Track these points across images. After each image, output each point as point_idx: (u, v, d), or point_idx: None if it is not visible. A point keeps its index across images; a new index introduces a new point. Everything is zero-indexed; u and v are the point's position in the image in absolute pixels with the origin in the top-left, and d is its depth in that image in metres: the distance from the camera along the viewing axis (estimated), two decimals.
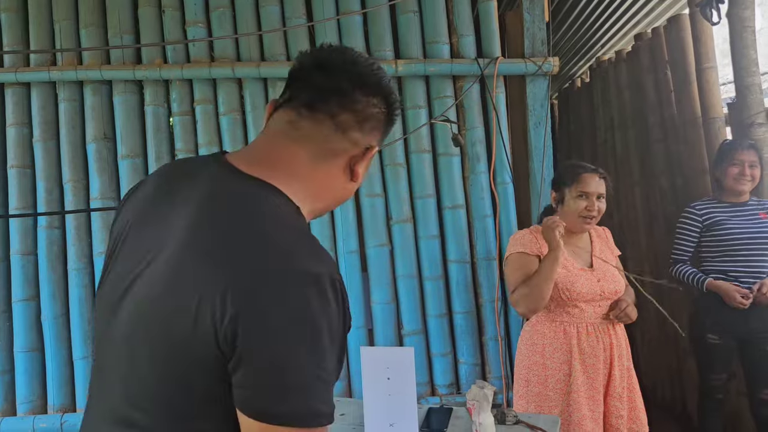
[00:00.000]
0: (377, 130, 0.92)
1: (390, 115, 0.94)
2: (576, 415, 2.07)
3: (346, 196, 0.97)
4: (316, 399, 0.73)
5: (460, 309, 2.84)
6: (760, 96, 2.90)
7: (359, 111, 0.89)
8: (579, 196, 2.12)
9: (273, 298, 0.72)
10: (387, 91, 0.92)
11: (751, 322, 2.58)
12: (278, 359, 0.71)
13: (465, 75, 2.85)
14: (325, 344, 0.73)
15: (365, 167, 0.94)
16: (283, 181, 0.86)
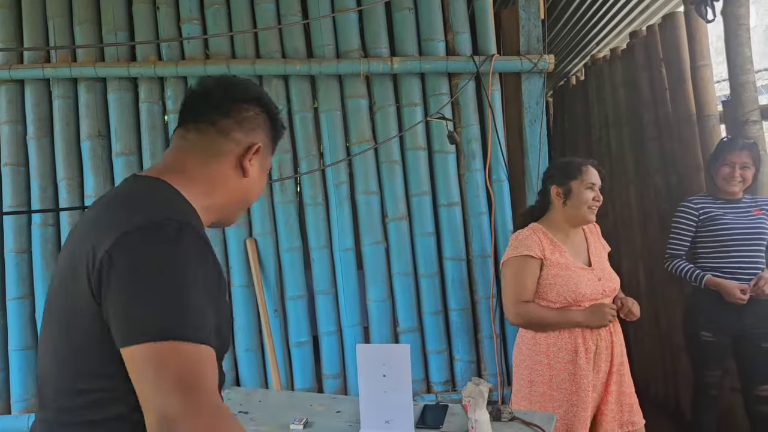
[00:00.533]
0: (260, 129, 1.09)
1: (269, 114, 1.11)
2: (582, 414, 2.06)
3: (245, 193, 1.10)
4: (172, 319, 0.82)
5: (456, 306, 2.84)
6: (754, 93, 2.92)
7: (235, 115, 1.06)
8: (588, 187, 2.15)
9: (127, 242, 0.85)
10: (256, 95, 1.10)
11: (744, 319, 2.59)
12: (132, 292, 0.83)
13: (461, 72, 2.85)
14: (170, 275, 0.84)
15: (258, 166, 1.09)
16: (176, 180, 1.01)
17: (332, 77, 2.82)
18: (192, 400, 0.80)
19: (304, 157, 2.83)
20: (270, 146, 1.14)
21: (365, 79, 2.84)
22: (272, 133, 1.13)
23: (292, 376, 2.84)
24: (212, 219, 1.10)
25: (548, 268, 2.12)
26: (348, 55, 2.81)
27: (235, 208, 1.12)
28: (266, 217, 2.80)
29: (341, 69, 2.78)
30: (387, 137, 2.81)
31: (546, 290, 2.12)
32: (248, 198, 1.12)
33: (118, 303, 0.84)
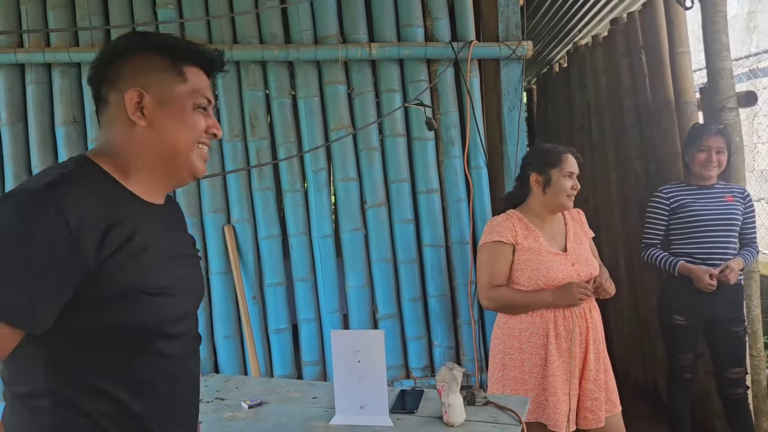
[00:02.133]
0: (137, 74, 1.01)
1: (143, 50, 1.03)
2: (552, 398, 2.09)
3: (161, 142, 1.03)
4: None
5: (435, 293, 2.85)
6: (731, 80, 2.93)
7: (109, 79, 1.02)
8: (567, 176, 2.16)
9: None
10: (120, 47, 1.03)
11: (717, 304, 2.63)
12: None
13: (439, 58, 2.84)
14: (9, 245, 0.85)
15: (156, 108, 1.01)
16: (95, 152, 1.03)
17: (310, 63, 2.80)
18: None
19: (282, 144, 2.81)
20: (165, 79, 1.02)
21: (343, 65, 2.82)
22: (160, 63, 1.03)
23: (271, 363, 2.84)
24: (152, 177, 1.05)
25: (520, 253, 2.16)
26: (326, 40, 2.79)
27: (161, 158, 1.04)
28: (244, 204, 2.79)
29: (319, 55, 2.76)
30: (366, 124, 2.80)
31: (518, 274, 2.16)
32: (167, 143, 1.03)
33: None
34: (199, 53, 1.07)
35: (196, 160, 1.06)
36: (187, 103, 1.04)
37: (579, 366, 2.15)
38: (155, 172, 1.05)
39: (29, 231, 0.85)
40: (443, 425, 1.74)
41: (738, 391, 2.70)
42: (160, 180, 1.07)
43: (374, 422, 1.77)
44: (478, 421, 1.76)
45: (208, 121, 1.07)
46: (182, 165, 1.06)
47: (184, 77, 1.04)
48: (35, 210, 0.86)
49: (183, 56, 1.04)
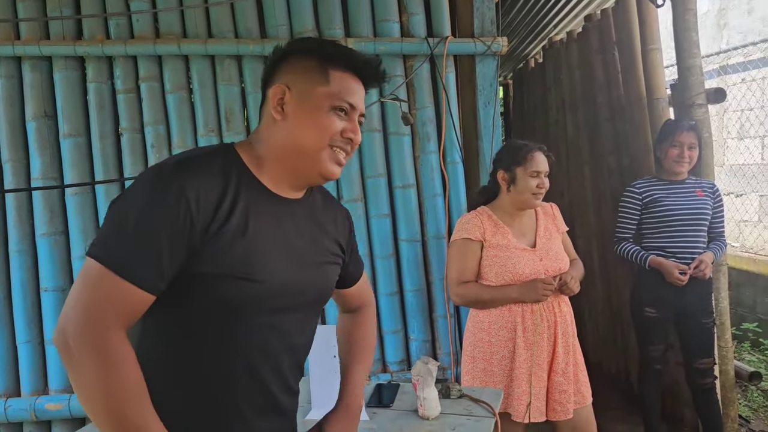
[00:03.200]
0: (288, 72, 1.08)
1: (298, 50, 1.10)
2: (518, 390, 2.13)
3: (290, 138, 1.07)
4: (103, 243, 0.95)
5: (411, 287, 2.87)
6: (700, 77, 2.99)
7: (270, 77, 1.10)
8: (532, 175, 2.17)
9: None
10: (286, 48, 1.11)
11: (687, 297, 2.70)
12: (108, 212, 0.99)
13: (415, 54, 2.85)
14: (128, 209, 0.96)
15: (295, 106, 1.07)
16: (243, 142, 1.12)
17: None
18: (80, 322, 0.91)
19: None
20: (309, 79, 1.07)
21: None
22: (308, 64, 1.08)
23: None
24: (283, 173, 1.10)
25: (488, 250, 2.19)
26: (302, 35, 2.78)
27: (290, 155, 1.08)
28: None
29: None
30: None
31: (486, 270, 2.19)
32: (295, 141, 1.07)
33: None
34: (348, 57, 1.09)
35: (326, 161, 1.08)
36: (323, 104, 1.06)
37: (548, 359, 2.19)
38: (285, 167, 1.09)
39: (155, 202, 0.95)
40: (418, 418, 1.77)
41: (706, 381, 2.77)
42: (290, 175, 1.11)
43: None
44: (453, 414, 1.78)
45: (344, 125, 1.08)
46: (310, 164, 1.09)
47: (327, 79, 1.07)
48: (162, 186, 0.96)
49: (332, 59, 1.08)
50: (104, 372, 0.89)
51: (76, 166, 2.69)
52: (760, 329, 4.81)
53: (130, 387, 0.91)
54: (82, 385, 0.90)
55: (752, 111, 5.77)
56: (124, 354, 0.92)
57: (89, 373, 0.89)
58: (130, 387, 0.91)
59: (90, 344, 0.90)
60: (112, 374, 0.89)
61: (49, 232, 2.67)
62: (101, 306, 0.92)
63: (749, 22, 6.00)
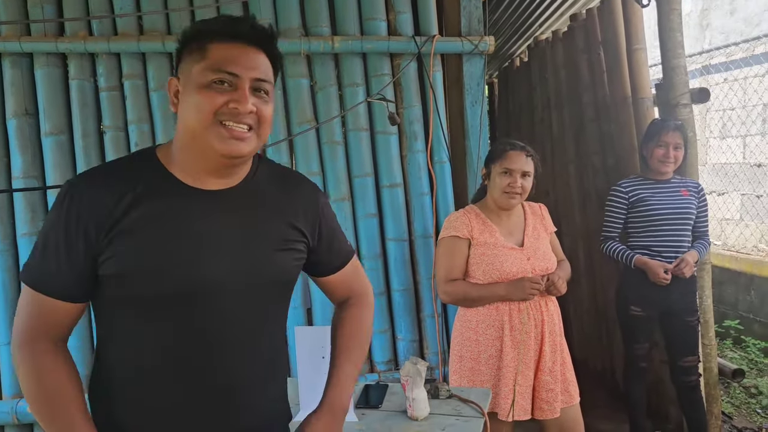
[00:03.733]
0: (178, 65, 1.08)
1: (181, 42, 1.08)
2: (504, 389, 2.14)
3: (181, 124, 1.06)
4: (26, 264, 1.06)
5: (399, 287, 2.87)
6: (685, 77, 3.02)
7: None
8: (503, 172, 2.17)
9: None
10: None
11: (671, 295, 2.72)
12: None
13: (402, 53, 2.84)
14: (43, 229, 1.05)
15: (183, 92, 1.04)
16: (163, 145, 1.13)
17: None
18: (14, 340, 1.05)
19: None
20: (190, 62, 1.04)
21: (306, 59, 2.80)
22: (190, 48, 1.05)
23: None
24: (192, 163, 1.07)
25: (475, 248, 2.19)
26: (288, 33, 2.76)
27: (186, 143, 1.06)
28: None
29: (281, 47, 2.71)
30: (329, 117, 2.78)
31: (474, 268, 2.19)
32: (186, 123, 1.04)
33: None
34: (221, 25, 1.03)
35: (215, 139, 1.02)
36: (201, 81, 1.01)
37: (534, 358, 2.19)
38: (189, 155, 1.07)
39: (54, 218, 1.03)
40: (407, 419, 1.76)
41: (691, 379, 2.79)
42: (198, 162, 1.07)
43: None
44: (442, 414, 1.78)
45: (226, 97, 1.01)
46: (203, 145, 1.04)
47: (203, 55, 1.02)
48: (60, 201, 1.03)
49: (208, 34, 1.03)
50: (28, 381, 1.03)
51: (59, 164, 2.64)
52: (741, 326, 4.87)
53: (51, 394, 1.03)
54: (22, 386, 1.05)
55: (734, 110, 5.84)
56: (46, 364, 1.04)
57: (22, 382, 1.04)
58: (51, 394, 1.03)
59: (20, 358, 1.04)
60: (34, 383, 1.03)
61: (31, 231, 2.63)
62: (27, 322, 1.04)
63: (731, 22, 6.07)
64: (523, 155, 2.18)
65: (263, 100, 1.07)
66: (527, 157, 2.19)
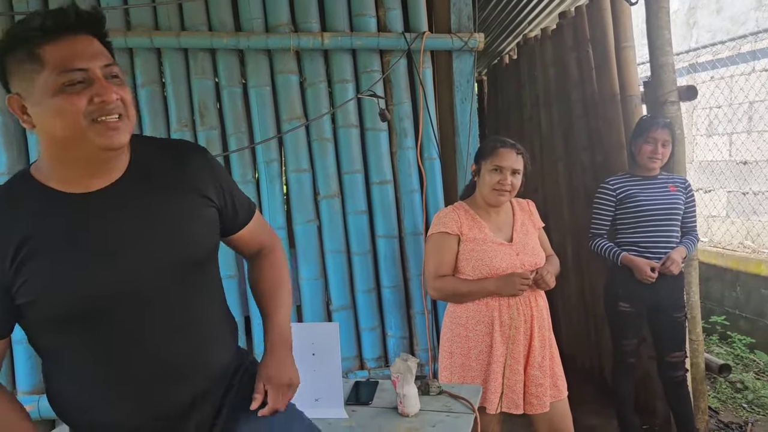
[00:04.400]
0: (10, 79, 1.01)
1: (3, 52, 1.00)
2: (494, 383, 2.15)
3: (48, 134, 1.01)
4: None
5: (388, 283, 2.86)
6: (672, 75, 3.03)
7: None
8: (493, 169, 2.17)
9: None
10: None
11: (660, 291, 2.74)
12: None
13: (392, 49, 2.83)
14: None
15: (33, 107, 0.99)
16: (36, 161, 1.11)
17: (261, 52, 2.75)
18: None
19: (232, 134, 2.75)
20: (27, 74, 0.98)
21: (295, 55, 2.78)
22: (19, 58, 0.98)
23: None
24: (70, 171, 1.05)
25: (465, 244, 2.19)
26: (277, 29, 2.74)
27: (60, 151, 1.03)
28: None
29: (270, 43, 2.71)
30: (318, 114, 2.77)
31: (463, 264, 2.19)
32: (52, 137, 1.01)
33: None
34: (41, 24, 0.96)
35: (97, 137, 0.99)
36: (51, 89, 0.97)
37: (524, 353, 2.20)
38: (67, 163, 1.04)
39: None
40: (398, 416, 1.76)
41: (678, 374, 2.82)
42: (78, 167, 1.05)
43: (329, 414, 1.77)
44: (432, 411, 1.78)
45: (87, 95, 0.98)
46: (84, 148, 1.01)
47: (40, 62, 0.97)
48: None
49: (32, 38, 0.96)
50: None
51: None
52: (727, 322, 4.92)
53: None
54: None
55: (720, 108, 5.89)
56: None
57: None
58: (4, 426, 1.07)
59: None
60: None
61: None
62: None
63: (718, 21, 6.11)
64: (513, 153, 2.18)
65: (119, 83, 1.05)
66: (517, 155, 2.19)
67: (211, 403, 1.24)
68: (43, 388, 2.59)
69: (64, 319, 1.06)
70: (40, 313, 1.05)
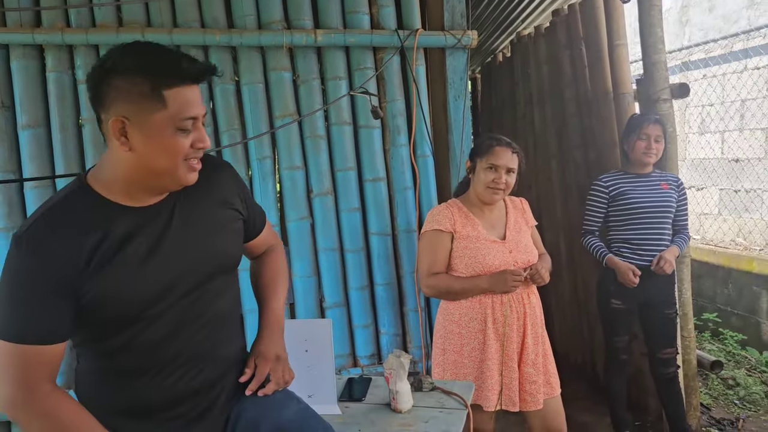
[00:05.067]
0: (117, 100, 1.08)
1: (120, 76, 1.07)
2: (489, 381, 2.15)
3: (143, 163, 1.12)
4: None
5: (381, 281, 2.87)
6: (665, 73, 3.04)
7: (98, 100, 1.10)
8: (489, 168, 2.18)
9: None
10: (103, 68, 1.08)
11: (651, 288, 2.75)
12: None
13: (385, 46, 2.83)
14: (7, 285, 1.08)
15: (138, 134, 1.09)
16: (91, 172, 1.19)
17: (254, 49, 2.75)
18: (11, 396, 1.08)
19: (225, 131, 2.75)
20: (145, 107, 1.07)
21: (288, 52, 2.78)
22: (140, 90, 1.07)
23: None
24: (141, 190, 1.17)
25: (458, 241, 2.20)
26: (270, 26, 2.74)
27: (146, 178, 1.14)
28: None
29: (263, 40, 2.71)
30: (311, 111, 2.77)
31: (456, 262, 2.20)
32: (149, 167, 1.12)
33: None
34: (177, 71, 1.08)
35: (183, 174, 1.15)
36: (167, 130, 1.09)
37: (517, 350, 2.20)
38: (143, 185, 1.16)
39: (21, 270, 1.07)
40: (391, 412, 1.76)
41: (669, 371, 2.83)
42: (150, 190, 1.18)
43: (322, 411, 1.76)
44: (425, 407, 1.79)
45: (191, 139, 1.12)
46: (169, 180, 1.16)
47: (164, 103, 1.07)
48: (24, 255, 1.06)
49: (163, 80, 1.06)
50: (44, 427, 1.09)
51: (36, 158, 2.60)
52: (719, 319, 4.95)
53: (75, 427, 1.10)
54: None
55: (712, 106, 5.92)
56: (54, 404, 1.10)
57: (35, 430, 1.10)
58: (76, 426, 1.10)
59: (25, 410, 1.08)
60: (51, 426, 1.09)
61: (8, 226, 2.59)
62: (22, 375, 1.08)
63: (710, 19, 6.14)
64: (509, 151, 2.18)
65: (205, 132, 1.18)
66: (513, 153, 2.19)
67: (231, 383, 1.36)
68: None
69: (123, 318, 1.16)
70: (103, 314, 1.13)
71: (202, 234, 1.26)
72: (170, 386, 1.24)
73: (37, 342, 1.08)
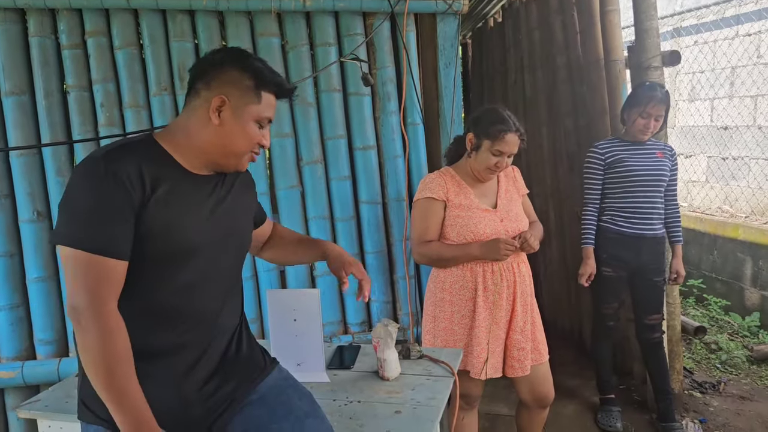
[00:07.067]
0: (228, 85, 1.29)
1: (242, 69, 1.31)
2: (477, 348, 2.18)
3: (221, 139, 1.31)
4: (73, 232, 1.16)
5: (372, 249, 2.88)
6: (656, 39, 3.02)
7: (205, 78, 1.31)
8: (495, 153, 2.15)
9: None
10: (228, 57, 1.32)
11: (642, 257, 2.79)
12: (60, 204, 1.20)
13: (375, 12, 2.78)
14: (76, 196, 1.18)
15: (230, 116, 1.29)
16: (160, 135, 1.34)
17: (242, 14, 2.69)
18: (85, 301, 1.15)
19: None
20: (245, 97, 1.29)
21: (277, 17, 2.73)
22: (247, 84, 1.29)
23: None
24: (205, 161, 1.34)
25: (450, 210, 2.20)
26: None
27: (217, 152, 1.32)
28: None
29: (251, 5, 2.65)
30: (300, 78, 2.73)
31: (448, 230, 2.21)
32: (226, 144, 1.31)
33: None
34: (278, 86, 1.34)
35: (244, 161, 1.37)
36: (252, 120, 1.32)
37: (506, 318, 2.23)
38: (209, 158, 1.33)
39: (99, 186, 1.16)
40: (379, 379, 1.79)
41: (655, 336, 2.89)
42: (210, 163, 1.35)
43: (311, 378, 1.80)
44: (413, 374, 1.82)
45: (259, 135, 1.35)
46: (233, 162, 1.36)
47: (259, 99, 1.32)
48: (99, 175, 1.16)
49: (265, 85, 1.32)
50: (102, 340, 1.14)
51: (20, 125, 2.56)
52: (704, 285, 5.03)
53: (119, 355, 1.16)
54: (86, 348, 1.15)
55: (703, 73, 5.90)
56: (118, 324, 1.17)
57: (91, 340, 1.14)
58: (120, 355, 1.16)
59: (94, 317, 1.14)
60: (108, 342, 1.15)
61: None
62: (93, 286, 1.15)
63: None
64: (517, 138, 2.16)
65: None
66: (519, 139, 2.18)
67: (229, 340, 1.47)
68: (27, 355, 2.61)
69: (171, 254, 1.26)
70: (154, 247, 1.23)
71: (240, 212, 1.47)
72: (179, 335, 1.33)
73: (115, 256, 1.17)
